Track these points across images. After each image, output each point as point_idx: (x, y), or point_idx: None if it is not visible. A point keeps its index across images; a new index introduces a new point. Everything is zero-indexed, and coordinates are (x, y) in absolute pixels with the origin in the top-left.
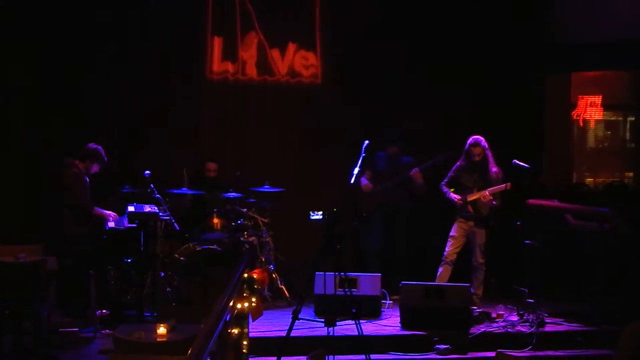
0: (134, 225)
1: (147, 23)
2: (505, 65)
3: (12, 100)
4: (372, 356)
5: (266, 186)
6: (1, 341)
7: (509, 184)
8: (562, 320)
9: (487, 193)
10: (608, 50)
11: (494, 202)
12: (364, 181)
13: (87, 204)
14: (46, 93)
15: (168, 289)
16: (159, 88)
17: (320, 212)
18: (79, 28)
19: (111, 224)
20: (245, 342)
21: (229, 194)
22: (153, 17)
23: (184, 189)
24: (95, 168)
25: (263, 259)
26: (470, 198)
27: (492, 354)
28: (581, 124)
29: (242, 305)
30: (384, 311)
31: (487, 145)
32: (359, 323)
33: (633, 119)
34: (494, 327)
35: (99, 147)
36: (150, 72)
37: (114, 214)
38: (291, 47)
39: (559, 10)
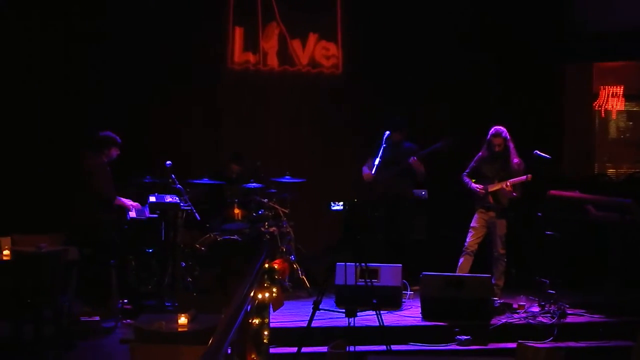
0: (155, 215)
1: (169, 14)
2: (526, 55)
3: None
4: (393, 347)
5: (287, 177)
6: (22, 330)
7: (529, 175)
8: (583, 311)
9: (508, 184)
10: (630, 40)
11: (514, 194)
12: (365, 170)
13: (111, 193)
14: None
15: (189, 279)
16: (180, 78)
17: (341, 203)
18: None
19: (132, 214)
20: (266, 332)
21: (250, 184)
22: (174, 8)
23: (205, 179)
24: (114, 153)
25: (284, 250)
26: (492, 189)
27: (513, 345)
28: (603, 115)
29: (263, 295)
30: (404, 302)
31: (508, 136)
32: (380, 314)
33: None
34: (515, 318)
35: (109, 132)
36: (172, 62)
37: (137, 204)
38: (312, 37)
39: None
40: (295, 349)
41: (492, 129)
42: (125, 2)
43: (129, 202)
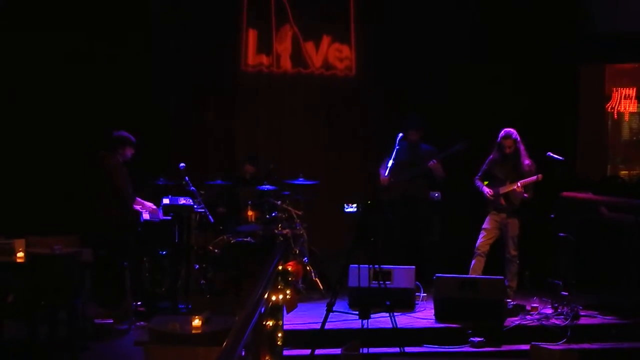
0: (168, 217)
1: (183, 16)
2: (539, 57)
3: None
4: (407, 349)
5: (300, 179)
6: (36, 331)
7: (540, 175)
8: (596, 313)
9: (520, 185)
10: None
11: (525, 195)
12: (382, 174)
13: (129, 194)
14: (77, 85)
15: (202, 281)
16: (194, 80)
17: (355, 205)
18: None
19: (146, 216)
20: (279, 334)
21: (264, 186)
22: (188, 9)
23: (218, 180)
24: (129, 152)
25: (297, 252)
26: (503, 190)
27: (526, 346)
28: (615, 117)
29: (277, 297)
30: (418, 304)
31: (518, 138)
32: (393, 315)
33: None
34: (528, 320)
35: (123, 131)
36: (185, 64)
37: (154, 206)
38: (325, 39)
39: (593, 1)
40: (308, 351)
41: (502, 131)
42: (144, 6)
43: (147, 204)
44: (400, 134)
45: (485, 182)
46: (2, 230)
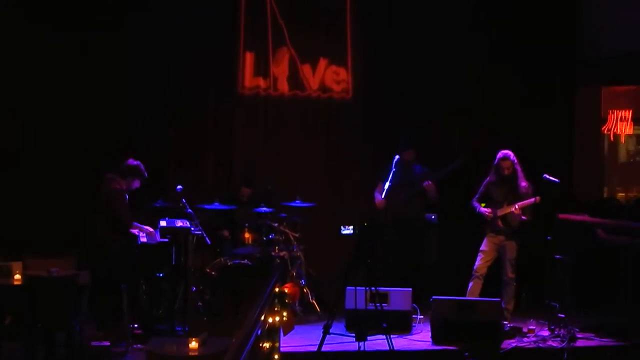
0: (166, 239)
1: (180, 39)
2: (535, 79)
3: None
4: None
5: (297, 201)
6: (34, 353)
7: (537, 197)
8: (593, 335)
9: (517, 207)
10: (638, 64)
11: (523, 218)
12: (378, 197)
13: (127, 220)
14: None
15: (199, 303)
16: (191, 103)
17: (351, 227)
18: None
19: (143, 239)
20: (276, 356)
21: (261, 208)
22: (185, 33)
23: (215, 203)
24: (136, 184)
25: (294, 274)
26: (500, 213)
27: None
28: (612, 139)
29: (274, 319)
30: (414, 326)
31: (516, 160)
32: (390, 338)
33: None
34: (525, 342)
35: (139, 163)
36: (183, 87)
37: (152, 229)
38: (322, 62)
39: (588, 23)
40: None
41: (500, 153)
42: (140, 27)
43: (146, 227)
44: (397, 156)
45: (483, 204)
46: None
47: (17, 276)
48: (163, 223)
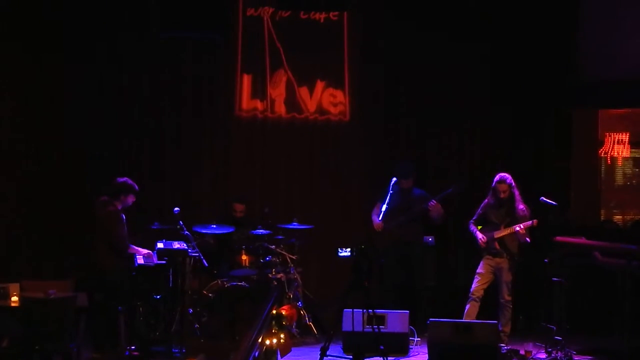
0: (163, 262)
1: (178, 61)
2: (532, 102)
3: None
4: None
5: (294, 223)
6: None
7: (535, 220)
8: (590, 357)
9: (522, 227)
10: (635, 87)
11: (527, 239)
12: (376, 220)
13: (124, 242)
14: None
15: (196, 325)
16: (188, 125)
17: (348, 249)
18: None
19: (140, 261)
20: None
21: (257, 230)
22: (183, 55)
23: (211, 226)
24: (130, 200)
25: (291, 296)
26: (498, 235)
27: None
28: (609, 162)
29: (271, 341)
30: (412, 348)
31: (513, 183)
32: None
33: None
34: None
35: (127, 178)
36: (180, 109)
37: (150, 252)
38: (319, 84)
39: (584, 46)
40: None
41: (497, 176)
42: (134, 49)
43: (142, 250)
44: (394, 179)
45: (479, 227)
46: None
47: (15, 298)
48: (160, 245)
